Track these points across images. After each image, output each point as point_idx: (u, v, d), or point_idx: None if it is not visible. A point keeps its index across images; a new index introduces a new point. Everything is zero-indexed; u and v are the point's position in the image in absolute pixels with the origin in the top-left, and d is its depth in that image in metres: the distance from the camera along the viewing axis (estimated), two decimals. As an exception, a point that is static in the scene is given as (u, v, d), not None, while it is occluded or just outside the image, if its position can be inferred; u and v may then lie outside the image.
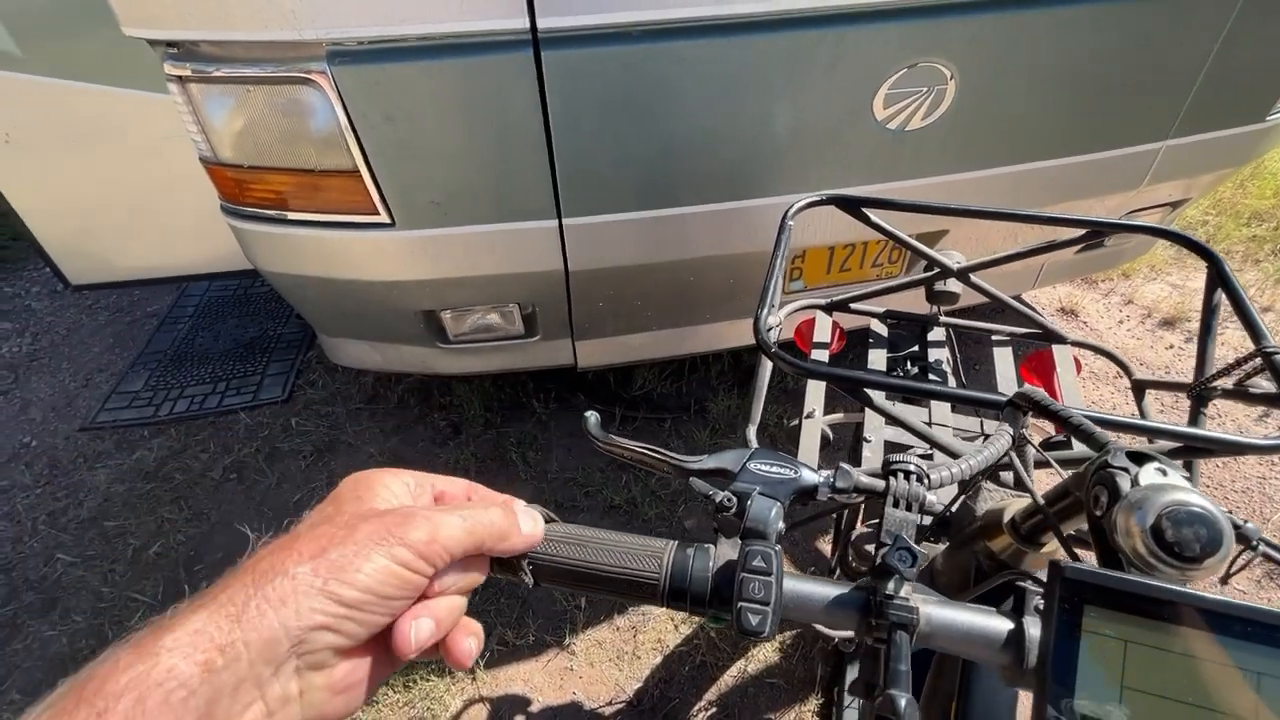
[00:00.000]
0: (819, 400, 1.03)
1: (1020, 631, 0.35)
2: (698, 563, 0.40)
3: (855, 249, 1.55)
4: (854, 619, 0.38)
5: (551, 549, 0.41)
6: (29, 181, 1.79)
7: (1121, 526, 0.32)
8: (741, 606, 0.36)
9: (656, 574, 0.39)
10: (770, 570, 0.36)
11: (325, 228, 1.26)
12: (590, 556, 0.40)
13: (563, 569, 0.41)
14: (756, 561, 0.37)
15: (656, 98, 1.13)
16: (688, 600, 0.39)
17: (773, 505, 0.40)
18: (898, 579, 0.36)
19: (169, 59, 1.12)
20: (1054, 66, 1.24)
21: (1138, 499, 0.32)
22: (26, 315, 2.75)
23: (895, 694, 0.32)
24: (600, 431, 0.53)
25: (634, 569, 0.40)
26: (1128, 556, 0.32)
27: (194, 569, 1.75)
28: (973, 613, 0.37)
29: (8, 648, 1.61)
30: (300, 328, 2.57)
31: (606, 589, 0.41)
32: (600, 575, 0.40)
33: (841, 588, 0.39)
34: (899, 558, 0.35)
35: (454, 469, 1.97)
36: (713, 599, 0.39)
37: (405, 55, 1.04)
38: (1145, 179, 1.53)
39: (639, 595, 0.40)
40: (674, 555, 0.40)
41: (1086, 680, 0.27)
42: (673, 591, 0.39)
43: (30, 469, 2.06)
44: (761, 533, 0.39)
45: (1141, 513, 0.31)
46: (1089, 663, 0.27)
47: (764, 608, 0.35)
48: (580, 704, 1.48)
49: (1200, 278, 2.62)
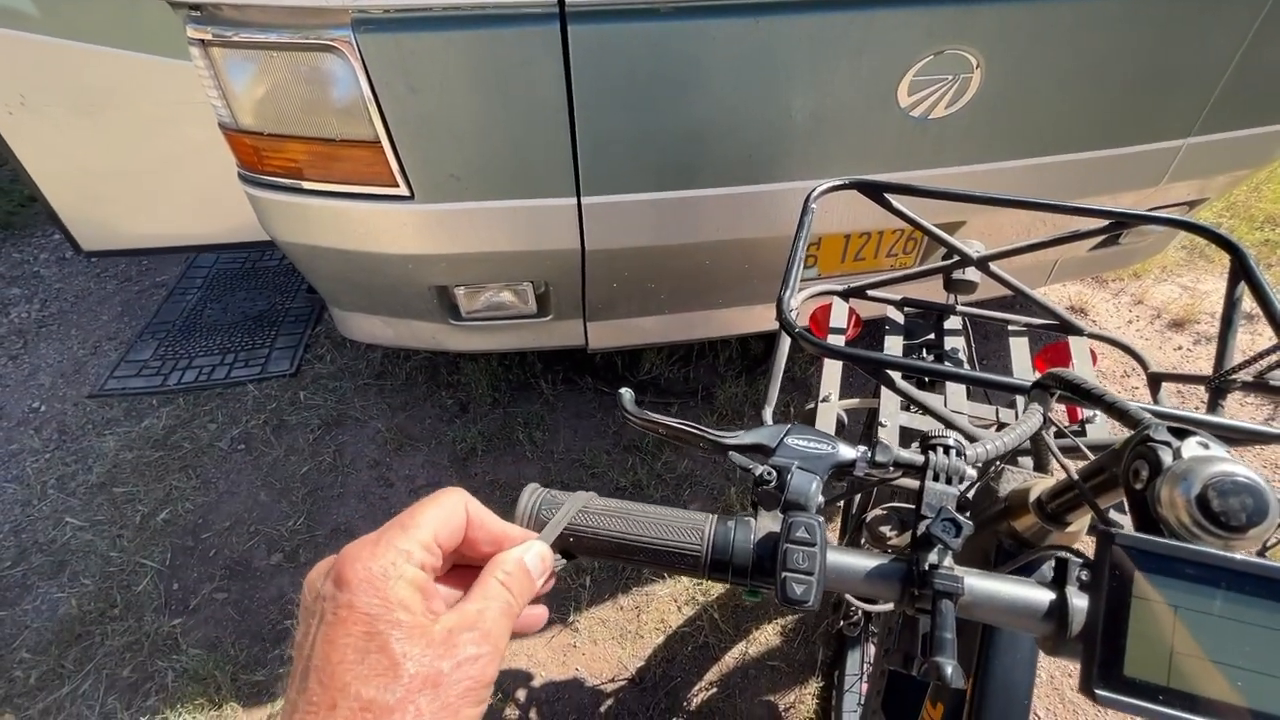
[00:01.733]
0: (835, 384, 1.04)
1: (1063, 601, 0.35)
2: (739, 535, 0.40)
3: (871, 238, 1.55)
4: (895, 589, 0.38)
5: (593, 521, 0.42)
6: (43, 145, 1.78)
7: (1165, 498, 0.33)
8: (786, 577, 0.36)
9: (698, 546, 0.40)
10: (814, 541, 0.37)
11: (343, 198, 1.25)
12: (632, 529, 0.41)
13: (604, 541, 0.41)
14: (800, 532, 0.37)
15: (681, 77, 1.12)
16: (729, 571, 0.40)
17: (813, 479, 0.41)
18: (941, 549, 0.36)
19: (191, 22, 1.11)
20: (1081, 58, 1.23)
21: (1182, 470, 0.33)
22: (35, 281, 2.75)
23: (942, 660, 0.33)
24: (635, 407, 0.54)
25: (676, 541, 0.40)
26: (1171, 528, 0.32)
27: (201, 536, 1.77)
28: (1014, 584, 0.37)
29: (17, 607, 1.63)
30: (308, 303, 2.57)
31: (648, 560, 0.41)
32: (643, 546, 0.41)
33: (881, 559, 0.39)
34: (943, 528, 0.35)
35: (460, 447, 1.98)
36: (754, 570, 0.39)
37: (431, 24, 1.03)
38: (1165, 177, 1.53)
39: (680, 567, 0.41)
40: (715, 527, 0.41)
41: (1136, 646, 0.28)
42: (714, 563, 0.40)
43: (39, 434, 2.07)
44: (802, 505, 0.40)
45: (1187, 484, 0.32)
46: (1139, 629, 0.28)
47: (809, 577, 0.36)
48: (582, 680, 1.50)
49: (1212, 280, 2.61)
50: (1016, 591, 0.37)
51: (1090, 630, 0.29)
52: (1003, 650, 0.60)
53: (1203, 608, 0.28)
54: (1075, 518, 0.49)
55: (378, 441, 2.02)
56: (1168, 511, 0.33)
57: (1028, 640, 0.61)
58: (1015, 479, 0.59)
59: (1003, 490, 0.59)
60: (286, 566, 1.71)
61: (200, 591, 1.66)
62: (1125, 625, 0.28)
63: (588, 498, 0.43)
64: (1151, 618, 0.28)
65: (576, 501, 0.43)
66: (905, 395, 0.78)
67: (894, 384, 0.78)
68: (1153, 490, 0.34)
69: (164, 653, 1.54)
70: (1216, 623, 0.27)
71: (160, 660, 1.53)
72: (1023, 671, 0.59)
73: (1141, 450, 0.36)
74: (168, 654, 1.54)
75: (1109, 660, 0.28)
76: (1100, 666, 0.28)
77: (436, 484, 1.89)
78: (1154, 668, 0.28)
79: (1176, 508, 0.32)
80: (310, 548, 1.74)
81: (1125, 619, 0.28)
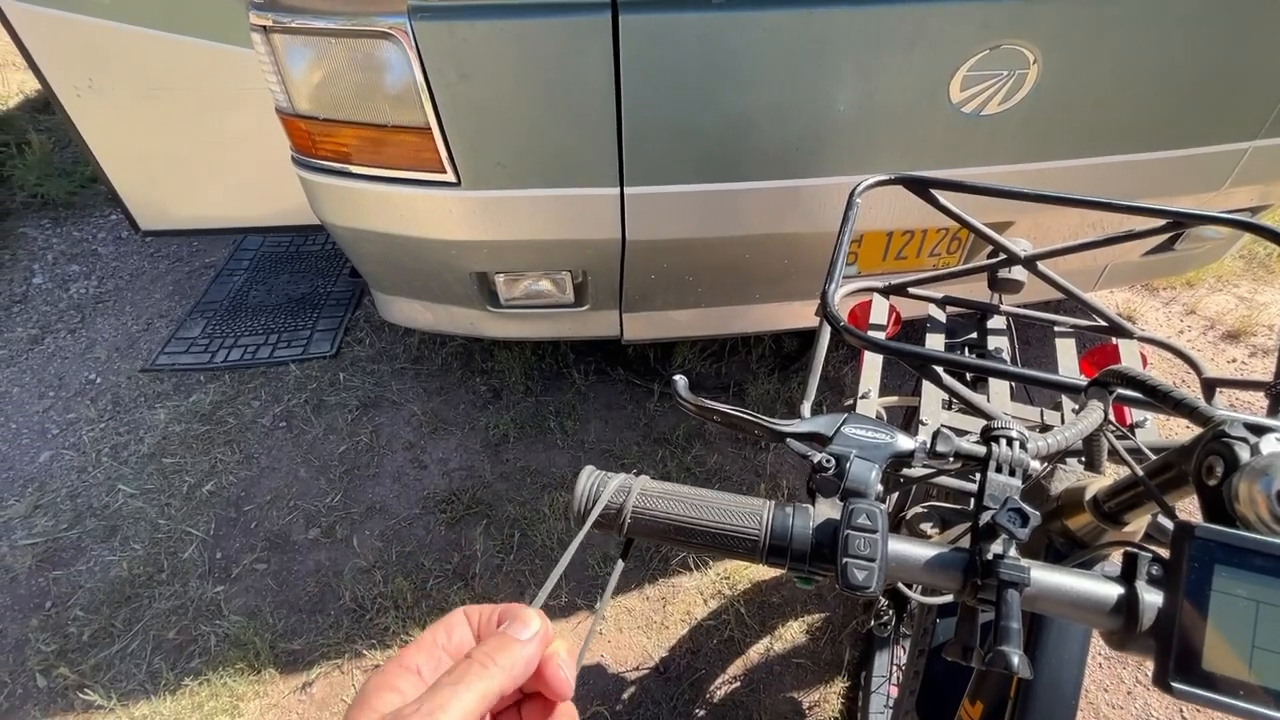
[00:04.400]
0: (875, 381, 1.03)
1: (1133, 595, 0.35)
2: (798, 521, 0.40)
3: (914, 236, 1.52)
4: (957, 579, 0.38)
5: (651, 503, 0.42)
6: (108, 127, 1.86)
7: (1244, 494, 0.32)
8: (847, 563, 0.36)
9: (757, 531, 0.40)
10: (876, 527, 0.37)
11: (392, 183, 1.28)
12: (691, 512, 0.41)
13: (662, 524, 0.42)
14: (862, 519, 0.37)
15: (730, 68, 1.12)
16: (788, 557, 0.40)
17: (872, 467, 0.41)
18: (1006, 539, 0.36)
19: (254, 8, 1.14)
20: (1143, 55, 1.19)
21: (1263, 466, 0.32)
22: (94, 259, 2.86)
23: (1008, 649, 0.33)
24: (689, 394, 0.54)
25: (735, 525, 0.41)
26: (1249, 524, 0.32)
27: (244, 509, 1.83)
28: (1081, 577, 0.37)
29: (72, 568, 1.71)
30: (349, 286, 2.63)
31: (706, 544, 0.41)
32: (701, 530, 0.41)
33: (943, 548, 0.39)
34: (1009, 518, 0.35)
35: (493, 433, 2.01)
36: (813, 557, 0.39)
37: (484, 13, 1.05)
38: (1227, 181, 1.47)
39: (738, 551, 0.41)
40: (774, 513, 0.41)
41: (1215, 640, 0.27)
42: (773, 548, 0.40)
43: (95, 404, 2.16)
44: (862, 493, 0.40)
45: (1268, 479, 0.31)
46: (1218, 622, 0.28)
47: (870, 564, 0.36)
48: (606, 667, 1.52)
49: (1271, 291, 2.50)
50: (1084, 585, 0.36)
51: (1167, 623, 0.29)
52: (1051, 649, 0.59)
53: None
54: (1133, 517, 0.48)
55: (413, 424, 2.06)
56: (1246, 508, 0.32)
57: (1077, 639, 0.60)
58: (1068, 478, 0.58)
59: (1055, 489, 0.58)
60: (324, 541, 1.76)
61: (242, 561, 1.72)
62: (1205, 618, 0.28)
63: (642, 480, 0.44)
64: (1232, 611, 0.28)
65: (629, 483, 0.43)
66: (951, 392, 0.77)
67: (940, 379, 0.77)
68: (1228, 486, 0.33)
69: (207, 618, 1.60)
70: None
71: (204, 625, 1.59)
72: (1071, 670, 0.59)
73: (1216, 446, 0.35)
74: (210, 619, 1.60)
75: (1186, 654, 0.28)
76: (1178, 659, 0.28)
77: (469, 468, 1.93)
78: (1234, 662, 0.27)
79: (1256, 504, 0.31)
80: (346, 524, 1.79)
81: (1205, 612, 0.28)
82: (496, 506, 1.82)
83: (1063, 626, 0.60)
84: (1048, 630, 0.60)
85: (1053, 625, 0.61)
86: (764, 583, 1.65)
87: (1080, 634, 0.60)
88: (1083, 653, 0.60)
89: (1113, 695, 1.44)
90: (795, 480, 1.89)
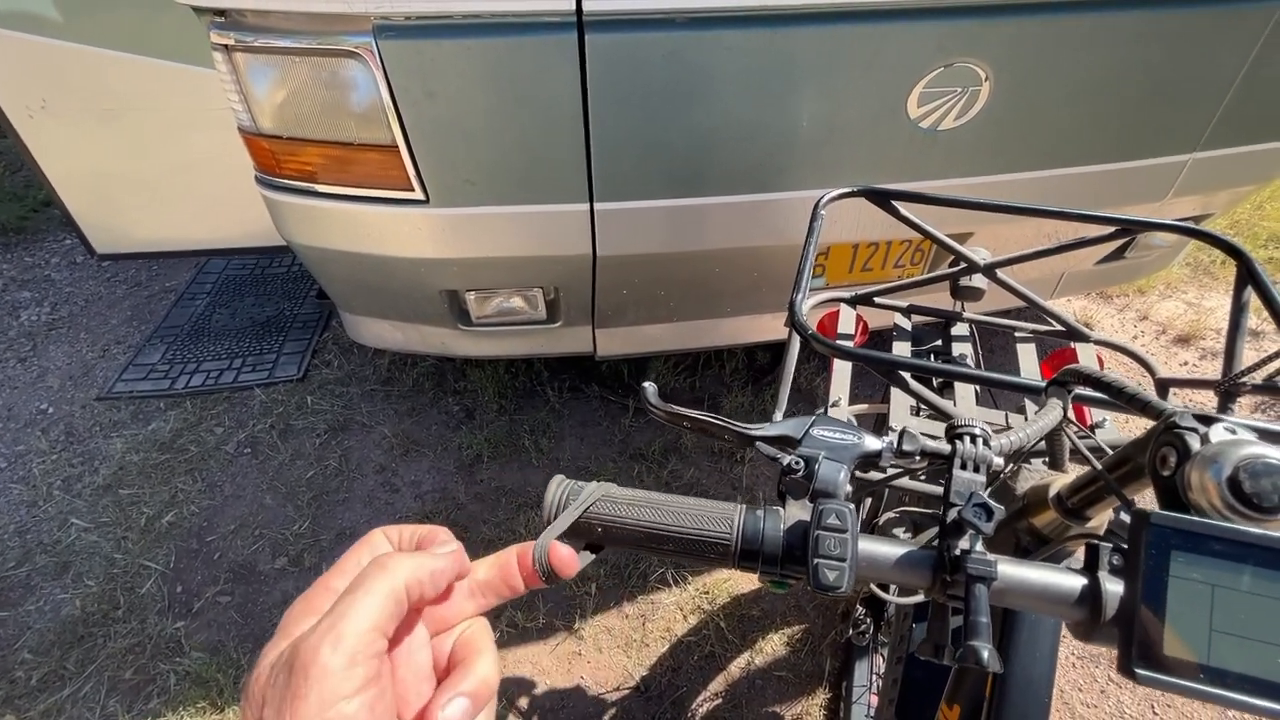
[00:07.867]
0: (844, 389, 1.04)
1: (1096, 586, 0.35)
2: (769, 524, 0.40)
3: (879, 248, 1.56)
4: (927, 576, 0.38)
5: (621, 511, 0.41)
6: (62, 148, 1.81)
7: (1196, 483, 0.33)
8: (818, 563, 0.36)
9: (728, 535, 0.40)
10: (845, 527, 0.37)
11: (359, 202, 1.27)
12: (661, 518, 0.41)
13: (632, 531, 0.41)
14: (831, 519, 0.37)
15: (696, 86, 1.14)
16: (759, 560, 0.40)
17: (840, 468, 0.41)
18: (972, 535, 0.36)
19: (214, 27, 1.13)
20: (1090, 72, 1.25)
21: (1212, 454, 0.33)
22: (46, 285, 2.77)
23: (978, 644, 0.33)
24: (659, 401, 0.54)
25: (706, 530, 0.40)
26: (1201, 511, 0.33)
27: (206, 539, 1.76)
28: (1046, 570, 0.37)
29: (20, 608, 1.62)
30: (317, 308, 2.58)
31: (677, 550, 0.41)
32: (672, 536, 0.41)
33: (911, 546, 0.40)
34: (974, 513, 0.36)
35: (466, 453, 1.98)
36: (785, 559, 0.39)
37: (451, 32, 1.05)
38: (1170, 191, 1.54)
39: (710, 556, 0.40)
40: (744, 517, 0.41)
41: (1175, 625, 0.28)
42: (745, 552, 0.40)
43: (46, 435, 2.07)
44: (832, 494, 0.40)
45: (1217, 467, 0.32)
46: (1177, 608, 0.28)
47: (840, 563, 0.36)
48: (586, 688, 1.49)
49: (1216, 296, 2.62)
50: (1049, 577, 0.37)
51: (1127, 611, 0.30)
52: (1023, 646, 0.60)
53: (1242, 586, 0.28)
54: (1095, 512, 0.50)
55: (384, 447, 2.02)
56: (1198, 495, 0.33)
57: (1047, 636, 0.61)
58: (1033, 477, 0.59)
59: (1020, 488, 0.59)
60: (291, 570, 1.70)
61: (204, 594, 1.65)
62: (1164, 604, 0.29)
63: (608, 487, 0.43)
64: (1190, 596, 0.28)
65: (596, 491, 0.43)
66: (918, 397, 0.78)
67: (907, 385, 0.78)
68: (1181, 475, 0.34)
69: (166, 655, 1.53)
70: (1254, 600, 0.28)
71: (163, 663, 1.52)
72: (1043, 667, 0.59)
73: (1168, 437, 0.36)
74: (170, 656, 1.53)
75: (1148, 640, 0.28)
76: (1139, 646, 0.28)
77: (442, 490, 1.89)
78: (1193, 646, 0.28)
79: (1208, 491, 0.32)
80: (315, 551, 1.74)
81: (1163, 598, 0.29)
82: (471, 528, 1.79)
83: (1033, 624, 0.61)
84: (1019, 628, 0.61)
85: (1023, 623, 0.62)
86: (743, 596, 1.64)
87: (1050, 631, 0.62)
88: (1054, 649, 0.61)
89: (1086, 694, 1.46)
90: (771, 492, 1.90)
